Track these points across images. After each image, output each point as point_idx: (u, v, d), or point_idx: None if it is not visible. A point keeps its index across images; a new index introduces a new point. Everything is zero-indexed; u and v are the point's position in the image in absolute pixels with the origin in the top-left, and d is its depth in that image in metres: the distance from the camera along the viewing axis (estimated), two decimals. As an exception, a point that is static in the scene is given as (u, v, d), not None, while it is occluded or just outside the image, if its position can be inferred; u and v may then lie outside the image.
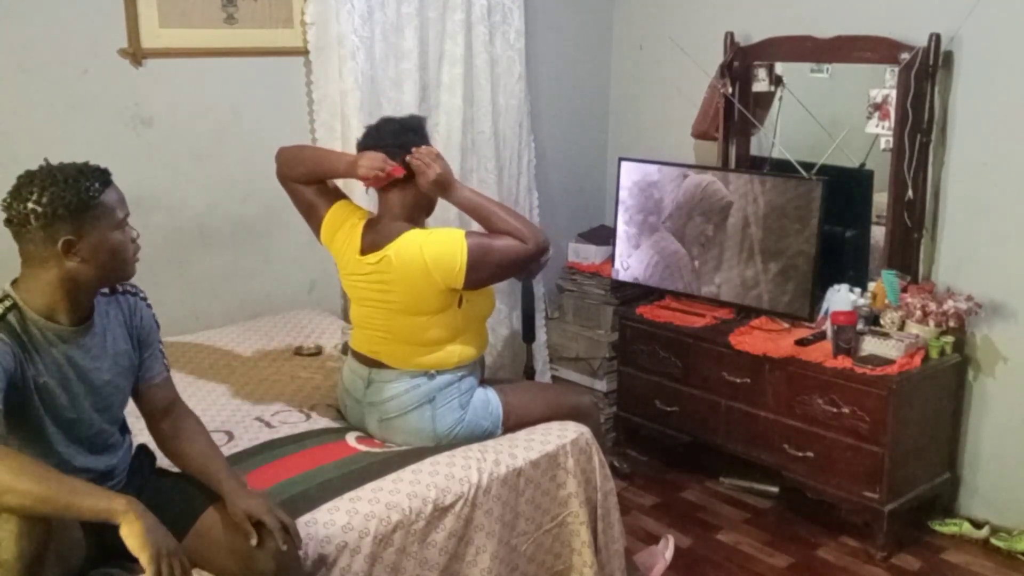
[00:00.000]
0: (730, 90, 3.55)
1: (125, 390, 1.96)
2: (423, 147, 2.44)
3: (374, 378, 2.49)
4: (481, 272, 2.37)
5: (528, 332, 3.62)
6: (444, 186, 2.43)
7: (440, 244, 2.36)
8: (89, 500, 1.58)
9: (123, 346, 1.94)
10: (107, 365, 1.88)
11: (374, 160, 2.39)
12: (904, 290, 3.12)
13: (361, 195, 3.01)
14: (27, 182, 1.74)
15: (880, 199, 3.25)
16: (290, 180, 2.58)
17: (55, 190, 1.72)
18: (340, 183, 2.66)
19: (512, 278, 3.61)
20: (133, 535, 1.59)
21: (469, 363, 2.52)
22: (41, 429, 1.78)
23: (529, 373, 3.68)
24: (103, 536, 1.83)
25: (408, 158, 2.41)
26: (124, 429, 2.01)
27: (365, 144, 2.48)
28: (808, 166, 3.39)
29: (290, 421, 2.57)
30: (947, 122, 3.14)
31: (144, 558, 1.59)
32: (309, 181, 2.55)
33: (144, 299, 2.02)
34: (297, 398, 2.73)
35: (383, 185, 2.43)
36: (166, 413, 2.03)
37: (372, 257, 2.41)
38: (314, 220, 2.57)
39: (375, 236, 2.43)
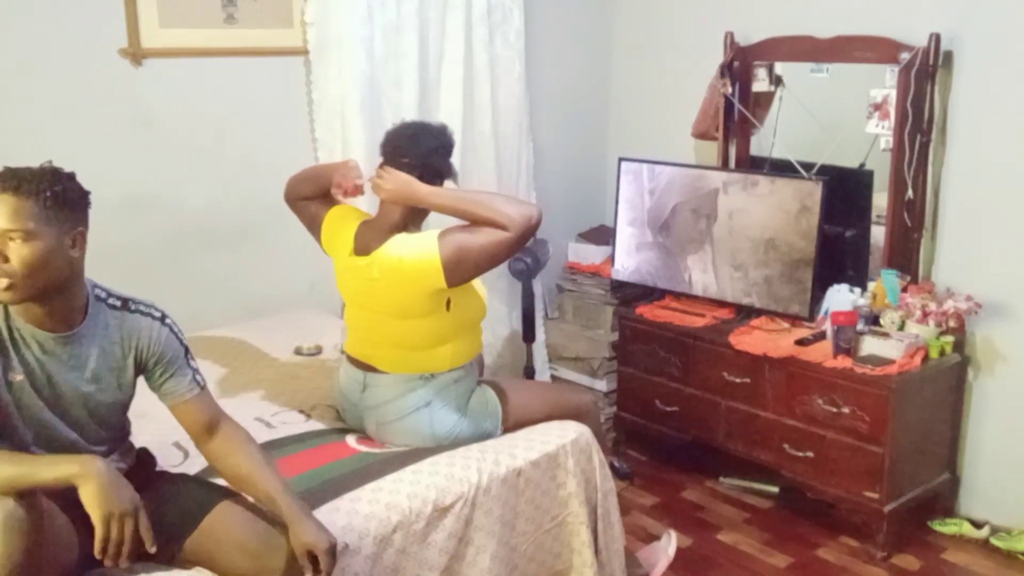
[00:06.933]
0: (730, 90, 3.55)
1: (108, 407, 1.90)
2: (379, 169, 2.41)
3: (369, 382, 2.48)
4: (462, 269, 2.33)
5: (528, 332, 3.63)
6: (404, 197, 2.37)
7: (415, 249, 2.34)
8: (51, 472, 1.64)
9: (111, 363, 1.87)
10: (85, 378, 1.84)
11: (348, 171, 2.47)
12: (904, 290, 3.12)
13: (365, 199, 3.01)
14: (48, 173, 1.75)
15: (880, 199, 3.25)
16: (296, 200, 2.62)
17: (68, 183, 1.76)
18: None
19: (515, 278, 3.62)
20: (87, 496, 1.63)
21: (464, 365, 2.52)
22: (13, 427, 1.78)
23: (529, 373, 3.68)
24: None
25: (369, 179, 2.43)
26: (112, 444, 1.94)
27: (391, 151, 2.43)
28: (808, 166, 3.39)
29: (290, 421, 2.57)
30: (947, 122, 3.14)
31: (94, 518, 1.63)
32: (313, 195, 2.59)
33: (160, 319, 1.93)
34: (297, 398, 2.73)
35: (354, 196, 2.47)
36: (210, 432, 1.95)
37: (361, 260, 2.41)
38: (317, 230, 2.59)
39: (366, 239, 2.43)
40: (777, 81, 3.57)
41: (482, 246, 2.33)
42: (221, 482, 2.01)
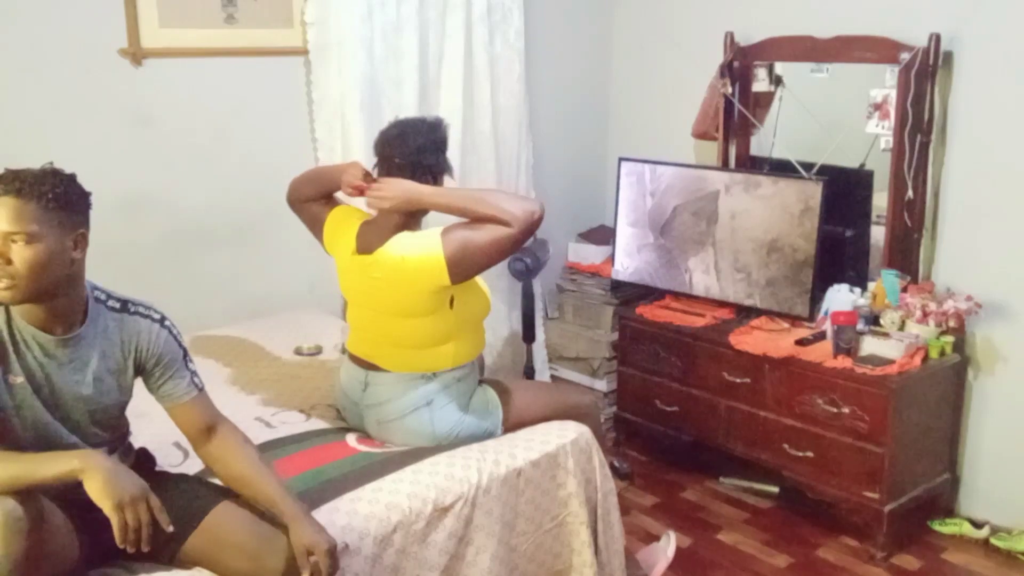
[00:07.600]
0: (730, 90, 3.55)
1: (107, 410, 1.90)
2: (373, 184, 2.40)
3: (371, 381, 2.48)
4: (465, 265, 2.33)
5: (528, 332, 3.63)
6: (407, 203, 2.37)
7: (418, 247, 2.34)
8: (51, 468, 1.65)
9: (112, 365, 1.88)
10: (86, 381, 1.84)
11: (355, 174, 2.42)
12: (904, 290, 3.12)
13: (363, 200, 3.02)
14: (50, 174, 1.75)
15: (880, 199, 3.25)
16: (299, 202, 2.61)
17: (70, 185, 1.76)
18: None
19: (515, 278, 3.62)
20: (94, 489, 1.64)
21: (466, 364, 2.52)
22: (11, 429, 1.78)
23: (529, 373, 3.68)
24: (100, 535, 1.83)
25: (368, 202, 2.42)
26: (111, 445, 1.94)
27: (382, 151, 2.43)
28: (808, 166, 3.39)
29: (290, 421, 2.57)
30: (947, 122, 3.14)
31: (105, 509, 1.63)
32: (317, 197, 2.58)
33: (159, 320, 1.93)
34: (297, 398, 2.73)
35: (361, 196, 2.45)
36: (208, 434, 1.96)
37: (365, 259, 2.41)
38: (319, 230, 2.59)
39: (369, 238, 2.43)
40: (777, 81, 3.57)
41: (485, 242, 2.33)
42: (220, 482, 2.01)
